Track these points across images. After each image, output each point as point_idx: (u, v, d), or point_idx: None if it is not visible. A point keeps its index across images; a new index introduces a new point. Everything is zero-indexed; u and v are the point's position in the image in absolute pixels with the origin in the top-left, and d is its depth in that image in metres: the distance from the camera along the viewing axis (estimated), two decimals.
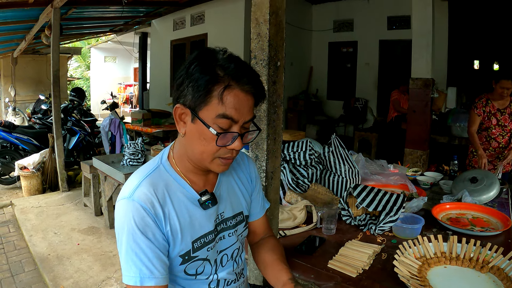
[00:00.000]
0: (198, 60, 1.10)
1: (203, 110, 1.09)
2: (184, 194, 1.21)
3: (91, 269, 3.60)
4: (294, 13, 9.20)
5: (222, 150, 1.15)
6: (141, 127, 7.57)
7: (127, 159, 4.31)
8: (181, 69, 1.12)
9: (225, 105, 1.08)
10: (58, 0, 5.68)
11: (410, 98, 5.44)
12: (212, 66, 1.08)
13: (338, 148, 2.68)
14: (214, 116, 1.08)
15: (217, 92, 1.07)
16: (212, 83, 1.07)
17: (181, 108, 1.13)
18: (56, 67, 5.99)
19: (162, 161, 1.24)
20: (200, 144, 1.13)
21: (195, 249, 1.22)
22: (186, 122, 1.14)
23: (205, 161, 1.17)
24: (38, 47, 11.59)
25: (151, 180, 1.16)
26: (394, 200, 2.06)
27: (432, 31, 5.16)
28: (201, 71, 1.07)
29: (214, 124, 1.09)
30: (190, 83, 1.08)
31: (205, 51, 1.13)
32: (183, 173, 1.23)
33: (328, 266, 1.69)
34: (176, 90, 1.13)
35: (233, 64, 1.09)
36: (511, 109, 4.06)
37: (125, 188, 1.16)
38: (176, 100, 1.13)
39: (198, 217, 1.23)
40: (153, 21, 10.92)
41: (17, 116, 11.59)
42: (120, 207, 1.13)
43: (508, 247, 1.89)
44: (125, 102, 18.49)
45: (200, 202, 1.22)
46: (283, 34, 1.56)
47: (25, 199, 5.67)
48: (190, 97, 1.09)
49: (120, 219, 1.12)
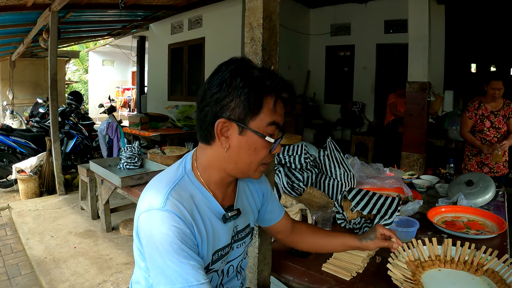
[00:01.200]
0: (241, 73, 1.11)
1: (254, 121, 1.12)
2: (208, 207, 1.20)
3: (88, 272, 3.59)
4: (292, 17, 9.22)
5: (268, 156, 1.19)
6: (139, 130, 7.56)
7: (123, 163, 4.31)
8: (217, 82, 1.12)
9: (277, 113, 1.15)
10: (56, 4, 5.68)
11: (407, 102, 5.45)
12: (259, 78, 1.12)
13: (333, 151, 2.69)
14: (265, 125, 1.13)
15: (269, 103, 1.13)
16: (266, 94, 1.12)
17: (224, 123, 1.12)
18: (54, 71, 5.99)
19: (186, 171, 1.22)
20: (249, 155, 1.16)
21: (213, 261, 1.22)
22: (230, 136, 1.14)
23: (250, 170, 1.20)
24: (36, 50, 11.60)
25: (179, 190, 1.14)
26: (389, 204, 2.07)
27: (428, 35, 5.18)
28: (251, 84, 1.10)
29: (265, 132, 1.14)
30: (239, 96, 1.09)
31: (240, 63, 1.15)
32: (207, 185, 1.22)
33: (322, 269, 1.69)
34: (213, 104, 1.12)
35: (278, 77, 1.16)
36: (504, 111, 4.07)
37: (151, 199, 1.12)
38: (215, 115, 1.12)
39: (219, 230, 1.23)
40: (151, 25, 10.94)
41: (15, 119, 11.58)
42: (153, 218, 1.08)
43: (503, 250, 1.89)
44: (123, 106, 18.49)
45: (226, 217, 1.23)
46: (277, 38, 1.56)
47: (22, 202, 5.66)
48: (239, 110, 1.10)
49: (154, 230, 1.06)
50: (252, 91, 1.09)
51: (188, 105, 8.79)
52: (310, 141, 8.65)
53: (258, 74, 1.13)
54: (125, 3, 6.53)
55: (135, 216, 1.17)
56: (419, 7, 5.20)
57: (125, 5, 6.91)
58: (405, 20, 5.65)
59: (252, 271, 1.75)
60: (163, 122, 8.26)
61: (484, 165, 4.19)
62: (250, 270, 1.76)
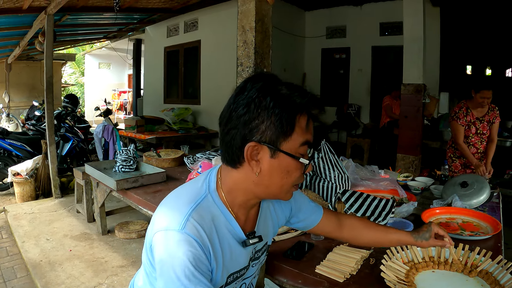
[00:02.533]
0: (270, 92, 1.05)
1: (287, 142, 1.06)
2: (228, 230, 1.16)
3: (83, 275, 3.59)
4: (287, 20, 9.23)
5: (300, 177, 1.14)
6: (135, 133, 7.57)
7: (119, 166, 4.30)
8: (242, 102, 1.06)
9: (309, 132, 1.09)
10: (51, 6, 5.68)
11: (402, 104, 5.46)
12: (289, 96, 1.06)
13: (327, 154, 2.70)
14: (298, 145, 1.08)
15: (302, 122, 1.07)
16: (298, 113, 1.06)
17: (254, 146, 1.06)
18: (49, 74, 5.98)
19: (210, 190, 1.16)
20: (281, 178, 1.11)
21: (227, 283, 1.19)
22: (261, 159, 1.08)
23: (282, 193, 1.15)
24: (32, 53, 11.58)
25: (200, 211, 1.09)
26: (383, 206, 2.08)
27: (423, 37, 5.19)
28: (282, 103, 1.04)
29: (297, 153, 1.09)
30: (270, 117, 1.03)
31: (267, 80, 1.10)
32: (230, 206, 1.17)
33: (315, 271, 1.70)
34: (241, 127, 1.06)
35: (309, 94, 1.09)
36: (489, 116, 4.06)
37: (170, 217, 1.08)
38: (244, 138, 1.06)
39: (238, 254, 1.19)
40: (147, 27, 10.94)
41: (10, 122, 11.56)
42: (170, 239, 1.03)
43: (498, 251, 1.90)
44: (119, 109, 18.47)
45: (247, 244, 1.19)
46: (269, 41, 1.56)
47: (18, 205, 5.64)
48: (270, 132, 1.04)
49: (169, 252, 1.02)
50: (283, 111, 1.03)
51: (184, 108, 8.81)
52: None
53: (287, 92, 1.06)
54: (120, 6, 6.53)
55: (150, 229, 1.12)
56: (414, 9, 5.22)
57: (121, 8, 6.91)
58: (400, 22, 5.65)
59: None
60: (159, 125, 8.28)
61: (467, 167, 4.20)
62: None
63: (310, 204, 1.51)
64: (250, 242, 1.19)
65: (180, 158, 4.63)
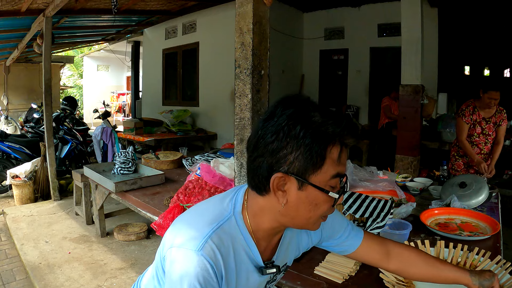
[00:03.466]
0: (301, 120, 0.97)
1: (316, 175, 0.99)
2: (247, 255, 1.11)
3: (82, 277, 3.58)
4: (285, 22, 9.24)
5: (329, 210, 1.07)
6: (133, 135, 7.57)
7: (117, 168, 4.30)
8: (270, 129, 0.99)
9: (341, 164, 1.01)
10: (50, 9, 5.69)
11: (400, 105, 5.46)
12: (322, 125, 0.97)
13: None
14: (328, 178, 1.00)
15: (333, 154, 0.98)
16: (329, 144, 0.97)
17: (281, 177, 0.99)
18: (48, 76, 5.98)
19: (235, 212, 1.11)
20: (309, 210, 1.04)
21: None
22: (288, 191, 1.01)
23: (309, 224, 1.09)
24: (30, 55, 11.60)
25: (221, 234, 1.04)
26: (382, 206, 2.08)
27: (421, 38, 5.19)
28: (313, 133, 0.96)
29: (327, 186, 1.01)
30: (300, 147, 0.96)
31: (299, 105, 1.01)
32: (254, 231, 1.11)
33: (314, 272, 1.70)
34: (269, 156, 0.99)
35: (343, 122, 1.00)
36: (496, 118, 4.05)
37: (189, 234, 1.04)
38: (271, 168, 1.00)
39: (254, 281, 1.15)
40: (145, 30, 10.95)
41: (9, 124, 11.53)
42: (185, 258, 1.00)
43: (497, 251, 1.90)
44: (117, 111, 18.46)
45: (263, 272, 1.14)
46: (267, 43, 1.56)
47: (17, 208, 5.64)
48: (299, 163, 0.97)
49: (182, 271, 0.99)
50: (314, 142, 0.95)
51: (182, 110, 8.81)
52: None
53: (319, 120, 0.97)
54: (119, 8, 6.54)
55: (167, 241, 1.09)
56: (412, 10, 5.22)
57: (119, 11, 6.93)
58: (398, 23, 5.66)
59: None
60: (157, 127, 8.28)
61: (470, 167, 4.21)
62: None
63: (347, 228, 1.38)
64: (267, 272, 1.14)
65: (179, 160, 4.64)
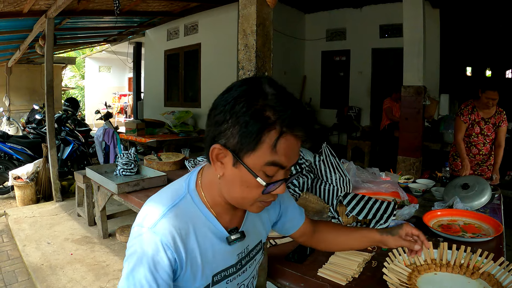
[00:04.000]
0: (245, 98, 0.96)
1: (250, 156, 0.96)
2: (210, 229, 1.12)
3: (84, 279, 3.58)
4: (287, 23, 9.25)
5: (264, 196, 1.05)
6: (135, 137, 7.57)
7: (120, 169, 4.30)
8: (222, 102, 0.99)
9: (277, 153, 0.96)
10: (52, 10, 5.70)
11: (402, 106, 5.46)
12: (262, 109, 0.94)
13: (329, 156, 2.70)
14: (262, 163, 0.97)
15: (269, 140, 0.94)
16: (263, 130, 0.94)
17: (220, 149, 0.99)
18: (50, 77, 5.99)
19: (190, 189, 1.13)
20: (242, 190, 1.03)
21: (214, 282, 1.15)
22: (225, 164, 1.02)
23: (245, 205, 1.09)
24: (32, 56, 11.62)
25: (177, 212, 1.06)
26: (385, 208, 2.07)
27: (423, 39, 5.19)
28: (252, 115, 0.93)
29: (261, 171, 0.98)
30: (236, 125, 0.95)
31: (250, 84, 1.00)
32: (211, 205, 1.13)
33: (318, 274, 1.69)
34: (213, 126, 1.00)
35: (288, 109, 0.96)
36: (495, 119, 4.04)
37: (146, 215, 1.06)
38: (213, 138, 1.00)
39: (222, 252, 1.15)
40: (147, 31, 10.97)
41: (11, 125, 11.55)
42: (138, 235, 1.03)
43: (500, 253, 1.89)
44: (119, 112, 18.48)
45: (229, 240, 1.14)
46: (271, 45, 1.56)
47: (19, 209, 5.64)
48: (234, 141, 0.96)
49: (133, 247, 1.02)
50: (251, 122, 0.93)
51: (184, 111, 8.81)
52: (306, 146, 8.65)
53: (265, 102, 0.95)
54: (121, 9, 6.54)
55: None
56: (413, 11, 5.22)
57: (121, 12, 6.93)
58: (400, 24, 5.66)
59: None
60: (159, 128, 8.28)
61: None
62: None
63: (295, 207, 1.47)
64: (232, 238, 1.14)
65: (181, 161, 4.63)
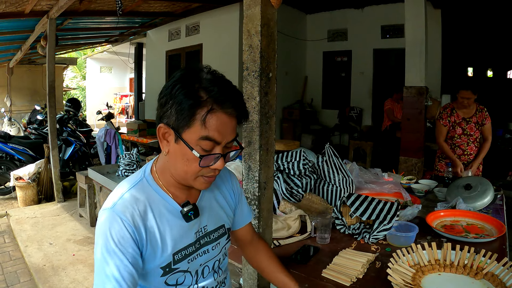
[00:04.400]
0: (182, 82, 1.10)
1: (186, 132, 1.09)
2: (165, 207, 1.21)
3: (87, 279, 3.59)
4: (289, 23, 9.25)
5: (205, 169, 1.16)
6: (137, 137, 7.57)
7: (122, 170, 4.30)
8: (164, 88, 1.13)
9: (208, 128, 1.08)
10: (53, 11, 5.70)
11: (404, 106, 5.46)
12: (195, 89, 1.08)
13: (331, 157, 2.70)
14: (197, 138, 1.09)
15: (200, 116, 1.07)
16: (195, 107, 1.07)
17: (164, 128, 1.13)
18: (51, 78, 6.00)
19: (145, 174, 1.24)
20: (183, 164, 1.15)
21: (175, 261, 1.22)
22: (170, 141, 1.15)
23: (189, 179, 1.18)
24: (34, 57, 11.62)
25: (134, 193, 1.17)
26: (388, 209, 2.07)
27: (425, 39, 5.19)
28: (185, 94, 1.07)
29: (197, 146, 1.10)
30: (173, 105, 1.09)
31: (189, 71, 1.14)
32: (165, 187, 1.23)
33: (322, 275, 1.69)
34: (159, 108, 1.14)
35: (216, 87, 1.10)
36: (477, 117, 4.05)
37: (108, 199, 1.17)
38: (160, 119, 1.14)
39: (179, 230, 1.23)
40: (148, 31, 10.97)
41: (12, 126, 11.56)
42: (101, 217, 1.13)
43: (503, 253, 1.89)
44: (121, 113, 18.49)
45: (183, 213, 1.22)
46: (275, 45, 1.57)
47: (21, 210, 5.65)
48: (173, 119, 1.10)
49: (98, 229, 1.12)
50: (184, 101, 1.07)
51: None
52: (308, 146, 8.66)
53: (198, 84, 1.09)
54: (123, 10, 6.55)
55: None
56: (415, 12, 5.21)
57: (123, 12, 6.93)
58: (402, 25, 5.67)
59: (252, 277, 1.75)
60: None
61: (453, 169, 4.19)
62: (250, 276, 1.76)
63: (246, 206, 1.56)
64: (185, 210, 1.22)
65: None
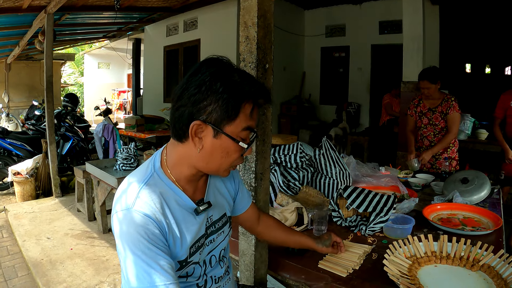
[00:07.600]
0: (222, 78, 1.13)
1: (230, 125, 1.14)
2: (178, 202, 1.22)
3: (84, 273, 3.59)
4: (287, 19, 9.24)
5: (239, 159, 1.23)
6: (135, 132, 7.56)
7: (120, 164, 4.31)
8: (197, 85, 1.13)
9: (253, 119, 1.18)
10: (51, 6, 5.69)
11: (402, 101, 5.48)
12: (239, 83, 1.14)
13: (329, 150, 2.70)
14: (240, 130, 1.16)
15: (248, 108, 1.15)
16: (244, 101, 1.14)
17: (199, 125, 1.14)
18: (49, 73, 5.98)
19: (156, 168, 1.24)
20: (221, 157, 1.19)
21: (191, 254, 1.24)
22: (203, 138, 1.16)
23: (220, 170, 1.24)
24: (31, 53, 11.58)
25: (148, 189, 1.16)
26: (385, 201, 2.07)
27: (422, 35, 5.20)
28: (231, 90, 1.12)
29: (238, 137, 1.17)
30: (217, 100, 1.11)
31: (221, 66, 1.17)
32: (176, 180, 1.24)
33: (318, 266, 1.70)
34: (191, 106, 1.13)
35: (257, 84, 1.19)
36: (442, 107, 4.03)
37: (122, 199, 1.15)
38: (191, 116, 1.13)
39: (193, 224, 1.24)
40: (146, 27, 10.93)
41: (10, 122, 11.54)
42: (123, 219, 1.11)
43: (499, 246, 1.90)
44: (118, 108, 18.46)
45: (198, 211, 1.25)
46: (272, 37, 1.57)
47: (19, 205, 5.65)
48: (216, 114, 1.12)
49: (123, 231, 1.09)
50: (231, 97, 1.11)
51: None
52: (306, 142, 8.65)
53: (237, 80, 1.14)
54: (121, 5, 6.53)
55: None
56: (413, 7, 5.22)
57: (121, 7, 6.91)
58: (400, 20, 5.67)
59: (249, 269, 1.75)
60: (158, 124, 8.27)
61: None
62: (247, 268, 1.76)
63: (245, 189, 1.61)
64: (201, 208, 1.26)
65: None
